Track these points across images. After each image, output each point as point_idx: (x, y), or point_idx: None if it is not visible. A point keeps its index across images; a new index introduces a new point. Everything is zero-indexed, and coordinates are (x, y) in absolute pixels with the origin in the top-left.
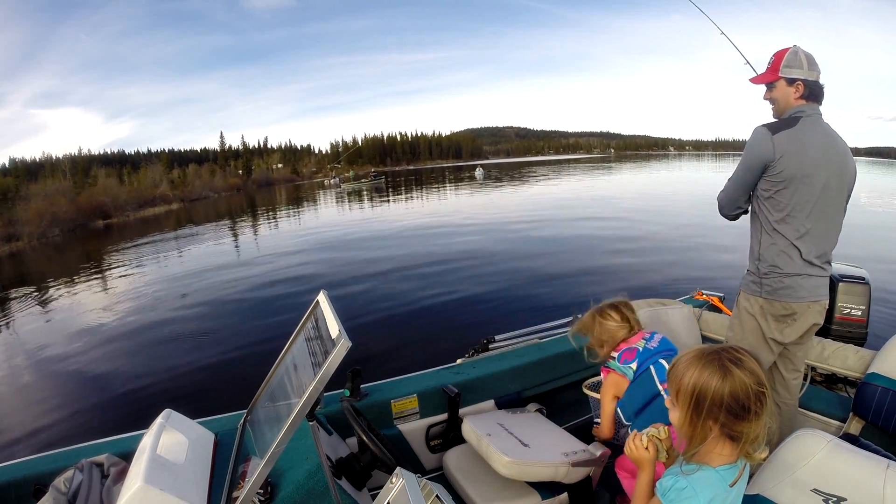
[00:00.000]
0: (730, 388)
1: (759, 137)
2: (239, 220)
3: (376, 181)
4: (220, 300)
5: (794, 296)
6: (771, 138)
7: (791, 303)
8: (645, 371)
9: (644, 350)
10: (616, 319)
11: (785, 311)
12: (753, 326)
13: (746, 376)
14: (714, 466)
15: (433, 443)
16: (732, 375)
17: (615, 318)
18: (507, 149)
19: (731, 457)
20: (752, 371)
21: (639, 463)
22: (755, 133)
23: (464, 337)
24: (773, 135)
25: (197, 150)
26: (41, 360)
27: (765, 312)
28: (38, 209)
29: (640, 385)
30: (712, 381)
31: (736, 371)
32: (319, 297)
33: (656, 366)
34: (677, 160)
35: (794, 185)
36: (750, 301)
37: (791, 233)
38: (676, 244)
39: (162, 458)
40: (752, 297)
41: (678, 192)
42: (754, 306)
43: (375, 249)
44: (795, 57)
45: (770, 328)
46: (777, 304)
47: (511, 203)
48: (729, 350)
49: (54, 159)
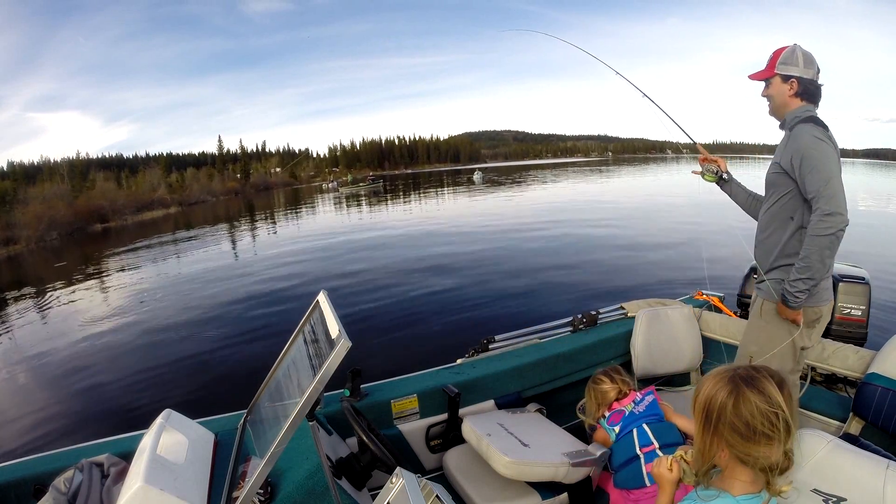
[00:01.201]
0: (733, 405)
1: (825, 134)
2: (237, 224)
3: (374, 185)
4: (220, 301)
5: (822, 298)
6: (827, 135)
7: (821, 306)
8: (627, 434)
9: (630, 414)
10: (607, 382)
11: (815, 316)
12: (785, 337)
13: (755, 395)
14: (735, 495)
15: (433, 443)
16: (740, 393)
17: (606, 381)
18: (505, 152)
19: (753, 485)
20: (763, 391)
21: (660, 481)
22: (818, 131)
23: (464, 337)
24: (827, 131)
25: (195, 154)
26: (41, 361)
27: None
28: (36, 213)
29: (621, 446)
30: (719, 396)
31: (744, 389)
32: (319, 297)
33: (639, 430)
34: (675, 163)
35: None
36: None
37: None
38: (676, 244)
39: (162, 458)
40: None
41: (678, 192)
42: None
43: (375, 251)
44: (792, 55)
45: (801, 336)
46: (809, 309)
47: (510, 206)
48: (747, 368)
49: (52, 163)
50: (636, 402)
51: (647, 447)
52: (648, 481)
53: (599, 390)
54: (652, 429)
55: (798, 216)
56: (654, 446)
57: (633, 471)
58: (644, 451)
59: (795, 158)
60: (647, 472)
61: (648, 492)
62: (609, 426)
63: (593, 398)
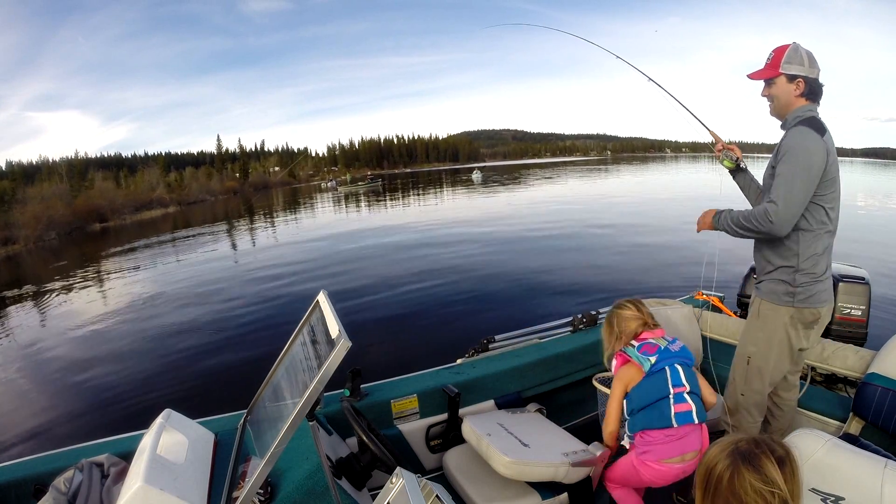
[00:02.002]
0: (728, 479)
1: (815, 140)
2: (236, 224)
3: (373, 184)
4: (219, 301)
5: (821, 300)
6: (822, 140)
7: (820, 308)
8: (660, 371)
9: (665, 350)
10: (631, 309)
11: (813, 318)
12: (782, 338)
13: (750, 473)
14: None
15: (433, 443)
16: (736, 468)
17: (631, 308)
18: (503, 151)
19: None
20: (760, 468)
21: None
22: (808, 136)
23: (464, 337)
24: (822, 137)
25: (194, 154)
26: (40, 361)
27: (794, 322)
28: (35, 212)
29: (653, 382)
30: (718, 468)
31: (741, 465)
32: (319, 297)
33: (671, 369)
34: (674, 162)
35: (834, 189)
36: (779, 312)
37: (826, 237)
38: (676, 245)
39: (162, 458)
40: (783, 308)
41: (677, 192)
42: (784, 317)
43: (375, 250)
44: (796, 53)
45: (799, 337)
46: (807, 311)
47: (510, 205)
48: (750, 442)
49: (51, 162)
50: (669, 341)
51: (678, 388)
52: (676, 422)
53: (623, 316)
54: (685, 371)
55: (801, 221)
56: (685, 388)
57: (660, 409)
58: (675, 391)
59: (782, 156)
60: (676, 413)
61: (672, 434)
62: (641, 355)
63: (614, 325)
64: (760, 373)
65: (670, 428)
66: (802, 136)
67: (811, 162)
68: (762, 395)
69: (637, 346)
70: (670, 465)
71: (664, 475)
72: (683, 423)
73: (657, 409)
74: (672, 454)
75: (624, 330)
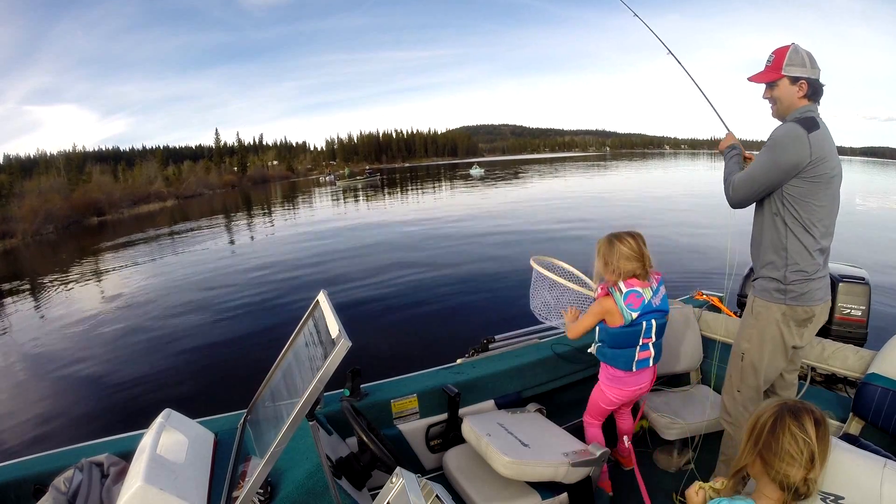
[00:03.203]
0: (771, 424)
1: (797, 137)
2: (235, 218)
3: (371, 178)
4: (219, 300)
5: (814, 298)
6: (807, 137)
7: (813, 306)
8: (638, 325)
9: (648, 304)
10: (631, 246)
11: (806, 316)
12: (774, 335)
13: (792, 422)
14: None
15: (433, 443)
16: (781, 417)
17: (631, 244)
18: (502, 147)
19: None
20: (800, 421)
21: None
22: (791, 131)
23: (464, 337)
24: (809, 134)
25: (192, 147)
26: (39, 360)
27: (787, 319)
28: (33, 206)
29: (628, 332)
30: (765, 415)
31: (786, 415)
32: (319, 296)
33: (648, 324)
34: (673, 158)
35: (825, 187)
36: (771, 309)
37: (819, 235)
38: (676, 244)
39: (162, 457)
40: (774, 305)
41: (677, 191)
42: (776, 314)
43: (374, 249)
44: (797, 54)
45: (792, 335)
46: (799, 309)
47: (509, 202)
48: (797, 402)
49: (49, 156)
50: (654, 292)
51: (646, 339)
52: (636, 367)
53: (622, 254)
54: (657, 323)
55: (781, 212)
56: (651, 339)
57: (626, 356)
58: (643, 341)
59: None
60: (638, 360)
61: (631, 373)
62: (626, 306)
63: (611, 262)
64: (755, 369)
65: (633, 371)
66: (784, 130)
67: (782, 156)
68: (757, 391)
69: (625, 293)
70: (630, 390)
71: (625, 395)
72: (641, 368)
73: (624, 355)
74: (631, 385)
75: (620, 268)
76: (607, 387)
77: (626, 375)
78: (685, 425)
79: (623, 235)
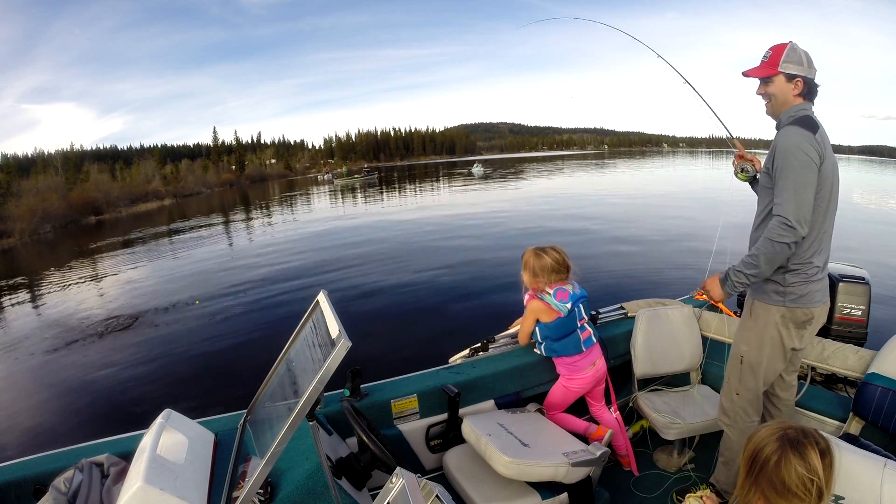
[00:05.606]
0: (775, 462)
1: (809, 139)
2: (233, 217)
3: (369, 177)
4: (219, 299)
5: (814, 300)
6: (814, 138)
7: (812, 308)
8: (572, 312)
9: (573, 294)
10: (556, 258)
11: (806, 318)
12: (773, 337)
13: (797, 459)
14: None
15: (433, 443)
16: (784, 453)
17: (556, 257)
18: (500, 145)
19: None
20: (805, 457)
21: None
22: (802, 136)
23: (464, 337)
24: (814, 135)
25: (190, 146)
26: (39, 360)
27: (786, 321)
28: (30, 205)
29: (567, 321)
30: (766, 450)
31: (789, 451)
32: (319, 297)
33: (578, 309)
34: (671, 157)
35: (825, 188)
36: (770, 311)
37: (819, 236)
38: (677, 244)
39: (162, 458)
40: (773, 307)
41: (677, 191)
42: (775, 316)
43: (374, 248)
44: (794, 52)
45: (791, 337)
46: (799, 311)
47: (508, 201)
48: (798, 430)
49: (46, 155)
50: (573, 283)
51: (581, 321)
52: (584, 346)
53: (546, 267)
54: (584, 306)
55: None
56: (585, 320)
57: (574, 340)
58: (580, 323)
59: (778, 160)
60: (583, 340)
61: (582, 354)
62: (558, 302)
63: (539, 274)
64: (754, 372)
65: (583, 351)
66: (795, 135)
67: (807, 160)
68: (756, 394)
69: (553, 292)
70: (587, 374)
71: (586, 382)
72: (588, 345)
73: (571, 340)
74: (586, 366)
75: (547, 279)
76: (568, 380)
77: (580, 358)
78: (685, 425)
79: (548, 249)
